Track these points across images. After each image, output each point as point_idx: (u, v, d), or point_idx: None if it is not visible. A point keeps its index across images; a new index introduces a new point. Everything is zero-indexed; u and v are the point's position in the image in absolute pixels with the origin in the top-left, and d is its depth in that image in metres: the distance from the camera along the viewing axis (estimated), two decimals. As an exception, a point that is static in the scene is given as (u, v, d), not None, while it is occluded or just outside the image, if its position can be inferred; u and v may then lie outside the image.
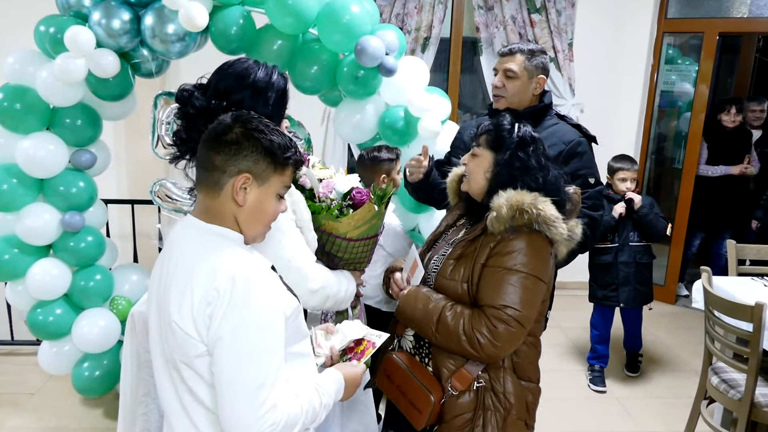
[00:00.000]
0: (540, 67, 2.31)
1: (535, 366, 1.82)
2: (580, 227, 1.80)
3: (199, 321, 1.22)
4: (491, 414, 1.72)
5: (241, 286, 1.21)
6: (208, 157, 1.30)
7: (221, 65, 1.66)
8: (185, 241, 1.32)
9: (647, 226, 3.53)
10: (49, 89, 2.62)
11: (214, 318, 1.21)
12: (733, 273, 3.29)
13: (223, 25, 2.58)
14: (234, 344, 1.21)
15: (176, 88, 1.63)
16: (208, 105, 1.57)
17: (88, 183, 2.87)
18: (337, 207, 1.87)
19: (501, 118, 1.82)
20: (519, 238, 1.68)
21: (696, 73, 4.78)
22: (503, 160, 1.74)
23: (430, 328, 1.72)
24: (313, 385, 1.40)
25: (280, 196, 1.36)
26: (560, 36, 4.60)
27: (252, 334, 1.22)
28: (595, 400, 3.48)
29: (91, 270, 2.92)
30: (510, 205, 1.67)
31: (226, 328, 1.20)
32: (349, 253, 1.92)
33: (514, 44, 2.36)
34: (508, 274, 1.66)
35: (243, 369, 1.20)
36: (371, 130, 2.85)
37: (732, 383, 2.70)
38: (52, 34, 2.57)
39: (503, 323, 1.63)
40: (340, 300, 1.87)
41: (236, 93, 1.58)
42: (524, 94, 2.32)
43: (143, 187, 3.33)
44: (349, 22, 2.54)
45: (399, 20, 4.50)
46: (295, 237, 1.71)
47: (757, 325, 2.47)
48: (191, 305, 1.23)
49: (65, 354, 2.96)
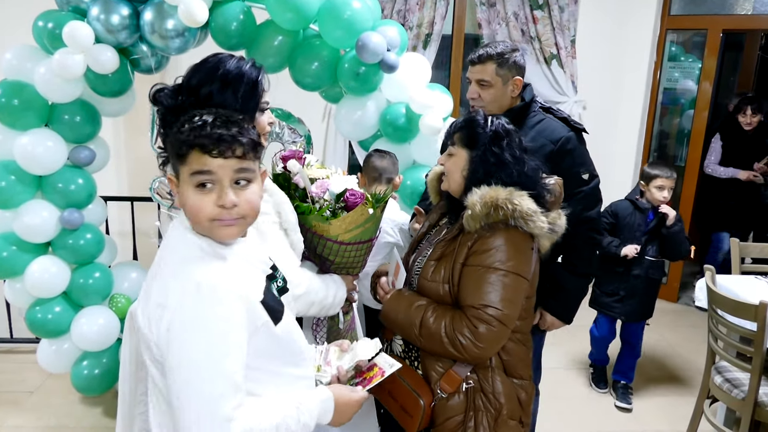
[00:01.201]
0: (514, 68, 2.19)
1: (525, 363, 1.79)
2: (563, 218, 1.77)
3: (153, 323, 1.19)
4: (482, 415, 1.70)
5: (192, 294, 1.15)
6: None
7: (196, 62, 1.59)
8: (169, 240, 1.29)
9: (673, 245, 3.28)
10: (47, 85, 2.60)
11: (162, 323, 1.17)
12: (737, 271, 3.27)
13: (223, 21, 2.56)
14: (182, 354, 1.15)
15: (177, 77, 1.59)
16: (176, 102, 1.53)
17: (87, 180, 2.85)
18: (328, 208, 1.82)
19: (474, 114, 1.79)
20: (497, 235, 1.65)
21: (699, 71, 4.76)
22: (477, 156, 1.72)
23: (414, 331, 1.70)
24: (294, 402, 1.31)
25: (201, 186, 1.20)
26: (563, 33, 4.58)
27: (201, 344, 1.14)
28: (597, 399, 3.46)
29: (90, 267, 2.91)
30: (484, 202, 1.64)
31: (174, 337, 1.15)
32: (340, 257, 1.88)
33: (482, 50, 2.20)
34: (487, 272, 1.64)
35: (192, 379, 1.14)
36: (372, 127, 2.82)
37: (735, 382, 2.68)
38: (50, 30, 2.55)
39: (484, 323, 1.61)
40: (327, 306, 1.83)
41: (205, 87, 1.51)
42: (502, 99, 2.22)
43: (143, 184, 3.32)
44: (350, 18, 2.51)
45: (400, 16, 4.48)
46: (277, 241, 1.66)
47: (761, 324, 2.45)
48: (147, 306, 1.21)
49: (64, 352, 2.94)
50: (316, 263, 1.96)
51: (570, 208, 1.84)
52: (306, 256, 1.98)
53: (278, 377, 1.32)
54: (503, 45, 2.22)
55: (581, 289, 2.35)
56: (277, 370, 1.32)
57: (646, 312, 3.42)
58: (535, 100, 2.30)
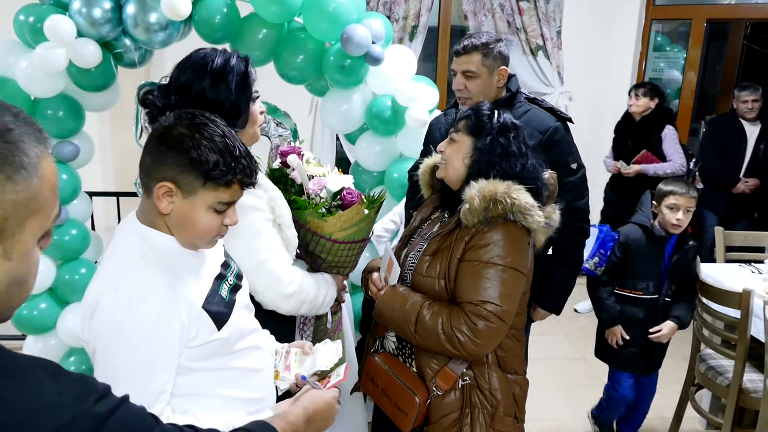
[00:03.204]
0: (499, 58, 2.19)
1: (519, 358, 1.79)
2: (557, 213, 1.76)
3: (85, 324, 1.20)
4: (479, 411, 1.69)
5: (122, 301, 1.15)
6: (143, 153, 1.22)
7: (180, 60, 1.61)
8: (117, 238, 1.30)
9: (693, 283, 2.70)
10: (29, 80, 2.57)
11: (91, 327, 1.17)
12: (722, 260, 3.30)
13: (207, 14, 2.53)
14: (107, 363, 1.16)
15: (161, 77, 1.60)
16: (169, 102, 1.53)
17: (72, 175, 2.82)
18: (324, 204, 1.82)
19: (480, 105, 1.78)
20: (495, 230, 1.63)
21: (684, 60, 4.78)
22: (484, 145, 1.70)
23: (409, 328, 1.67)
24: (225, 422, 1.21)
25: (218, 211, 1.23)
26: (548, 24, 4.59)
27: (126, 353, 1.15)
28: (586, 388, 3.49)
29: (75, 263, 2.88)
30: (483, 196, 1.62)
31: (100, 342, 1.17)
32: (333, 255, 1.87)
33: (467, 40, 2.20)
34: (485, 267, 1.62)
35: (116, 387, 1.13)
36: (358, 120, 2.82)
37: (720, 369, 2.72)
38: (31, 24, 2.51)
39: (483, 320, 1.59)
40: (317, 305, 1.81)
41: (196, 83, 1.53)
42: (489, 90, 2.22)
43: (129, 179, 3.29)
44: (334, 11, 2.50)
45: (386, 8, 4.47)
46: (270, 238, 1.65)
47: (745, 311, 2.48)
48: (82, 306, 1.21)
49: (51, 348, 2.92)
50: (307, 262, 1.95)
51: (560, 199, 1.85)
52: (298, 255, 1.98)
53: (225, 372, 1.31)
54: (487, 35, 2.22)
55: (572, 279, 2.37)
56: (225, 366, 1.31)
57: (660, 360, 2.84)
58: (520, 91, 2.31)
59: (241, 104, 1.57)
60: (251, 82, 1.61)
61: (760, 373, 2.63)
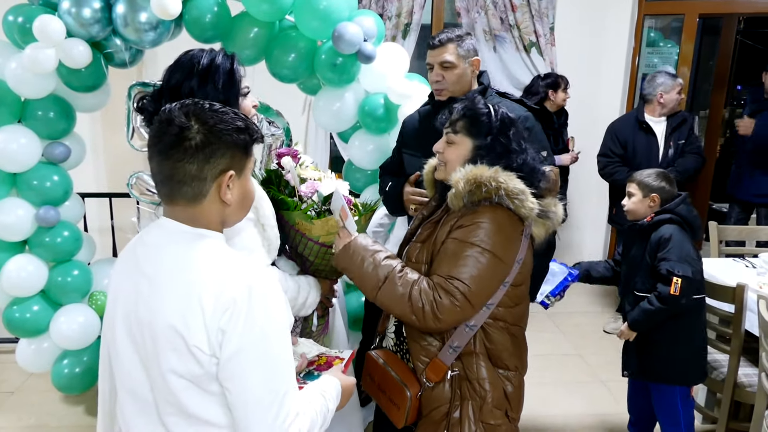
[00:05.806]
0: (471, 50, 2.30)
1: (510, 353, 1.74)
2: (560, 207, 1.74)
3: (212, 333, 1.14)
4: (467, 403, 1.67)
5: (259, 295, 1.16)
6: (177, 169, 1.17)
7: (171, 63, 1.66)
8: (170, 245, 1.22)
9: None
10: (19, 81, 2.56)
11: (231, 330, 1.13)
12: (716, 254, 3.31)
13: (198, 13, 2.52)
14: (257, 355, 1.15)
15: (154, 77, 1.64)
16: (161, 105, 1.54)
17: (63, 176, 2.81)
18: (311, 206, 1.82)
19: (474, 102, 1.77)
20: (483, 214, 1.62)
21: (677, 56, 4.79)
22: (485, 145, 1.69)
23: (376, 285, 1.64)
24: (318, 390, 1.36)
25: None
26: (541, 20, 4.58)
27: (273, 343, 1.18)
28: (580, 385, 3.49)
29: (68, 265, 2.87)
30: (467, 179, 1.62)
31: (248, 340, 1.14)
32: (320, 259, 1.87)
33: (441, 34, 2.30)
34: (464, 246, 1.61)
35: (268, 380, 1.16)
36: (351, 118, 2.81)
37: (715, 364, 2.72)
38: (20, 24, 2.50)
39: (449, 295, 1.58)
40: (298, 307, 1.82)
41: (185, 84, 1.59)
42: (464, 80, 2.30)
43: (122, 180, 3.27)
44: (326, 9, 2.49)
45: (379, 6, 4.45)
46: (248, 237, 1.65)
47: (739, 306, 2.48)
48: (202, 316, 1.13)
49: (44, 351, 2.91)
50: (297, 263, 1.95)
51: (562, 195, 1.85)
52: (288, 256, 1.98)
53: None
54: (458, 30, 2.34)
55: (544, 266, 2.35)
56: None
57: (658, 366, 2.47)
58: (491, 86, 2.40)
59: (230, 101, 1.61)
60: (238, 79, 1.65)
61: (755, 368, 2.63)
